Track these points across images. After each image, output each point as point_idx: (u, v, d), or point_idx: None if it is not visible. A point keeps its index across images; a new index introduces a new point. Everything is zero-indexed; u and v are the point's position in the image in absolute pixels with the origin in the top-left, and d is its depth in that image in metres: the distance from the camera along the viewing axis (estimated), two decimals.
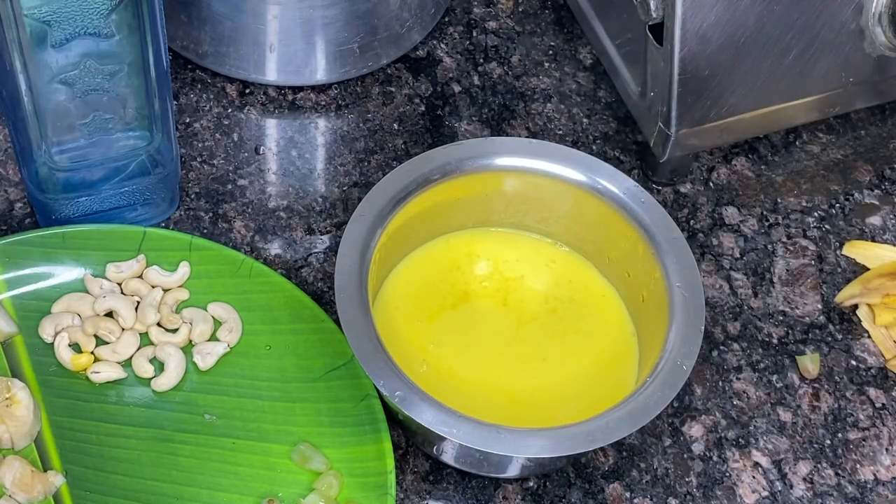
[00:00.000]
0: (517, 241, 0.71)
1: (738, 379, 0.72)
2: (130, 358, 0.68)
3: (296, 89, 0.81)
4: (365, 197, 0.66)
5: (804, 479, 0.68)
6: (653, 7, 0.70)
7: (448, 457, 0.64)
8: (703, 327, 0.63)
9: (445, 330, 0.67)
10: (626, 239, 0.67)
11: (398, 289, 0.68)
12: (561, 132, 0.80)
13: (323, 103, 0.80)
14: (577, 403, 0.65)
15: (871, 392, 0.72)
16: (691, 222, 0.77)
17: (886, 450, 0.70)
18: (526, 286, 0.69)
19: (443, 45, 0.84)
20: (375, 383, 0.60)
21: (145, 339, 0.69)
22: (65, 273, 0.70)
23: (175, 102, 0.79)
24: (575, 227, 0.70)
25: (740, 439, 0.70)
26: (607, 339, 0.68)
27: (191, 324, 0.69)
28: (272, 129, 0.79)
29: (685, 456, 0.69)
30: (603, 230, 0.68)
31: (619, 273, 0.69)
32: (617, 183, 0.67)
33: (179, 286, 0.70)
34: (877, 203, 0.79)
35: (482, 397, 0.65)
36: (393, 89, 0.82)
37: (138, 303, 0.69)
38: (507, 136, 0.80)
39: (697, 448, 0.69)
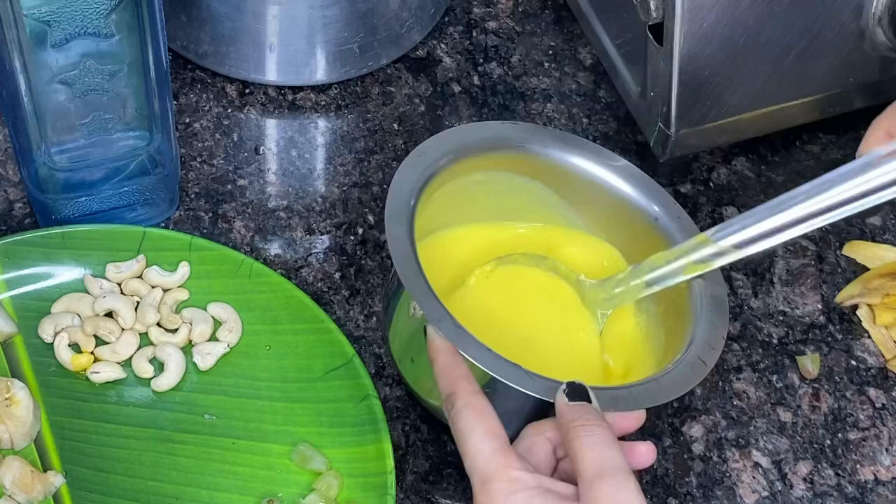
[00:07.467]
0: (555, 225, 0.71)
1: (738, 379, 0.72)
2: (130, 358, 0.68)
3: (296, 89, 0.81)
4: (432, 138, 0.66)
5: (804, 480, 0.68)
6: (653, 7, 0.70)
7: None
8: (727, 317, 0.63)
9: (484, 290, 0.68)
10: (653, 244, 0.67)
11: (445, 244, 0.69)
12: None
13: (323, 103, 0.80)
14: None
15: (871, 392, 0.72)
16: None
17: (886, 450, 0.70)
18: (562, 260, 0.69)
19: (443, 45, 0.84)
20: (425, 310, 0.59)
21: (145, 339, 0.69)
22: (65, 273, 0.70)
23: (175, 102, 0.79)
24: (606, 225, 0.70)
25: (740, 439, 0.70)
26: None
27: (191, 324, 0.69)
28: (272, 129, 0.79)
29: (685, 456, 0.69)
30: (636, 237, 0.68)
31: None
32: (666, 208, 0.68)
33: (179, 286, 0.70)
34: None
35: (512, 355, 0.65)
36: (393, 89, 0.82)
37: (138, 303, 0.69)
38: None
39: (697, 448, 0.69)
